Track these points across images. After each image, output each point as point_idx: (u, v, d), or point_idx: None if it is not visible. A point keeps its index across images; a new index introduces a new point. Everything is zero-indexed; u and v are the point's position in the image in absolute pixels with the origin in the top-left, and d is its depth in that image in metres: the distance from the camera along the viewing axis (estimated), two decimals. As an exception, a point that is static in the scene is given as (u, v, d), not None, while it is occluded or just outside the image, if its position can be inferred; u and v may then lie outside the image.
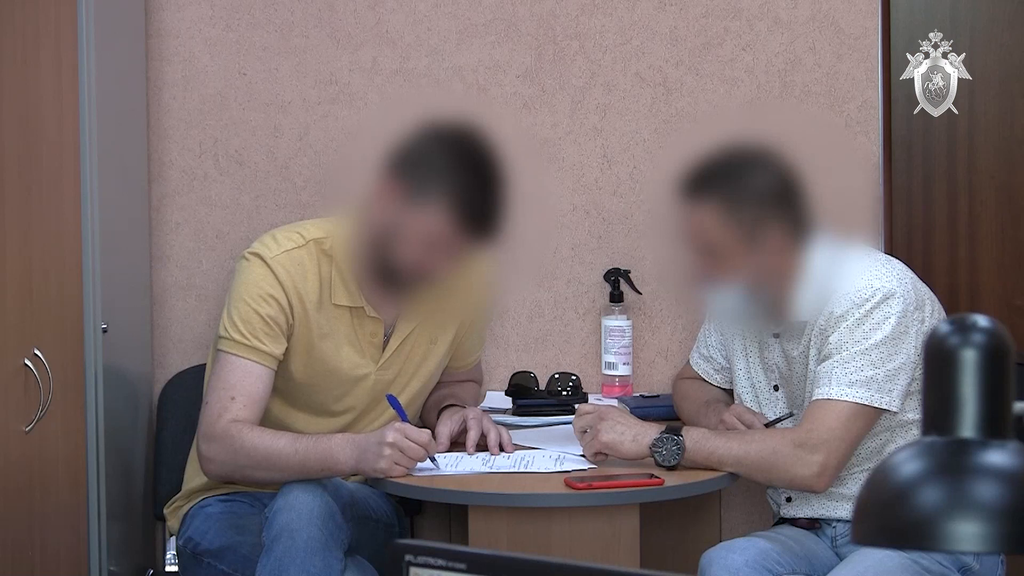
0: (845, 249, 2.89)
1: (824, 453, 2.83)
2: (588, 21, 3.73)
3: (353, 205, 3.03)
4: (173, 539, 3.32)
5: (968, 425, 1.31)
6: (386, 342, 3.13)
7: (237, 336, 3.02)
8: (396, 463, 2.87)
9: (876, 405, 2.84)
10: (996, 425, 1.31)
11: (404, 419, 3.00)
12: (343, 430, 3.10)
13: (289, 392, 3.11)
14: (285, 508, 2.83)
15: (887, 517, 1.29)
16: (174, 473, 3.31)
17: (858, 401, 2.83)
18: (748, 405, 3.06)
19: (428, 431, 2.97)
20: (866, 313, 2.84)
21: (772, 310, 2.92)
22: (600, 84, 3.73)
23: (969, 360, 1.32)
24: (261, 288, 3.04)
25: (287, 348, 3.06)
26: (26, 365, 3.22)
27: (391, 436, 2.87)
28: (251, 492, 3.16)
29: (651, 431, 2.91)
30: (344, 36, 3.76)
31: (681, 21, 3.71)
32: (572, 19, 3.73)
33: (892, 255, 3.11)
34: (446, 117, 2.97)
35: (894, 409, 2.85)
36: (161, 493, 3.41)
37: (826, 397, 2.85)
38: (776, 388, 3.03)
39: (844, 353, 2.84)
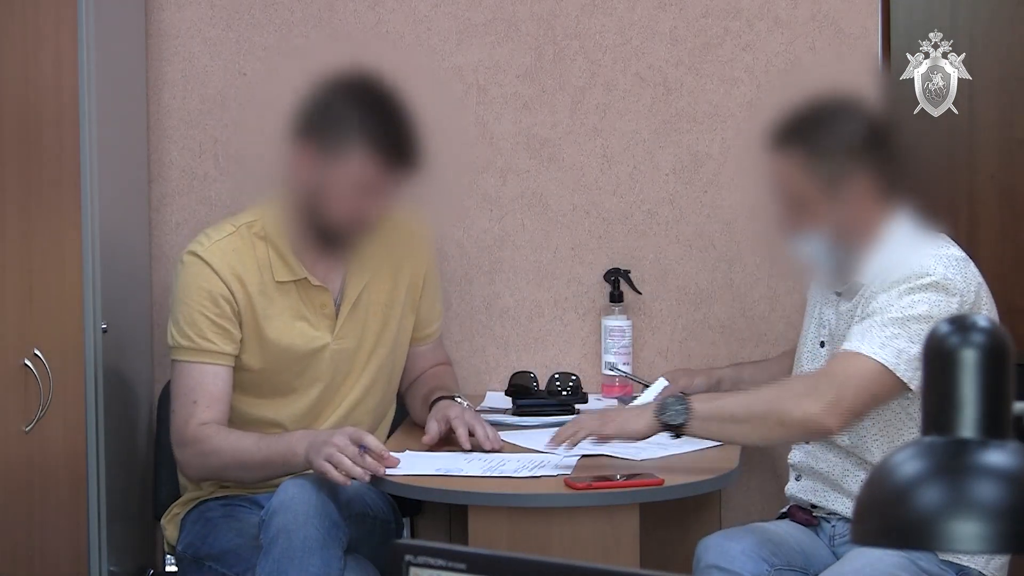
0: (928, 233, 2.88)
1: (836, 393, 2.77)
2: (588, 21, 3.73)
3: (275, 183, 3.09)
4: (170, 549, 3.30)
5: (968, 425, 1.31)
6: (338, 312, 3.15)
7: (186, 342, 3.06)
8: (332, 464, 2.80)
9: (900, 375, 2.78)
10: (996, 425, 1.31)
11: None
12: (315, 407, 3.13)
13: (252, 384, 3.13)
14: (281, 509, 2.83)
15: (887, 517, 1.29)
16: (174, 473, 3.31)
17: (884, 363, 2.78)
18: (802, 363, 3.04)
19: (378, 443, 2.86)
20: (918, 287, 2.79)
21: (844, 266, 2.90)
22: (600, 84, 3.73)
23: (969, 360, 1.32)
24: (200, 286, 3.07)
25: (241, 339, 3.08)
26: (26, 365, 3.23)
27: (339, 439, 2.83)
28: (249, 496, 3.16)
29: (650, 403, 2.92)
30: (344, 36, 3.76)
31: (681, 21, 3.71)
32: (572, 19, 3.73)
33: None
34: (337, 68, 3.04)
35: (913, 388, 2.79)
36: (161, 494, 3.41)
37: (855, 350, 2.80)
38: (823, 344, 3.00)
39: (884, 317, 2.79)
